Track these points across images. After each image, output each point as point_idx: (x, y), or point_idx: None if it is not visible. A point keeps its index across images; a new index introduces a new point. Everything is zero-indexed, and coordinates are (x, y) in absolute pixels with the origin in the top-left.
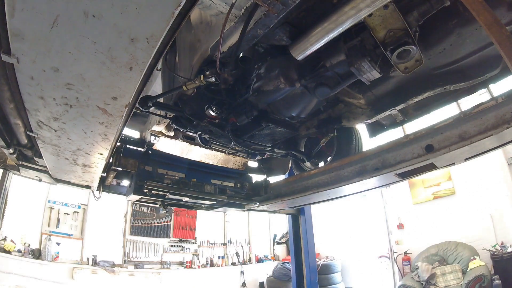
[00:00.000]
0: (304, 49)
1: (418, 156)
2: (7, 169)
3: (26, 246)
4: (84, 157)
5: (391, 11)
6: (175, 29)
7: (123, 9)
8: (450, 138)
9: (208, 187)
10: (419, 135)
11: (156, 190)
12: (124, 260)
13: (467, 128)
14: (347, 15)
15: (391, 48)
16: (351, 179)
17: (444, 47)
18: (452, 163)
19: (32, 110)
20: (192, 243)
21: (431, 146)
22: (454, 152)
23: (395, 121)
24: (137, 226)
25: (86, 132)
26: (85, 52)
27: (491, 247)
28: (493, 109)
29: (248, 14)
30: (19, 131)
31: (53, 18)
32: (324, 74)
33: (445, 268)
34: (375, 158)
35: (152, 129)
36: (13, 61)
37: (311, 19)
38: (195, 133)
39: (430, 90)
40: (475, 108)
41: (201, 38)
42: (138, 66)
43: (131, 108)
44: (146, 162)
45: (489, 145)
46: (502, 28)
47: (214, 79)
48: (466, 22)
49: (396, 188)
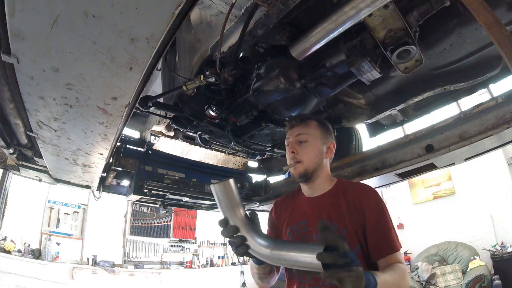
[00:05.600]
0: (304, 49)
1: (418, 156)
2: (7, 169)
3: (26, 246)
4: (84, 157)
5: (391, 11)
6: (175, 29)
7: (123, 9)
8: (450, 138)
9: (208, 187)
10: (419, 135)
11: (156, 190)
12: (124, 260)
13: (467, 128)
14: (347, 15)
15: (391, 48)
16: (351, 179)
17: (444, 47)
18: (452, 163)
19: (32, 110)
20: (192, 243)
21: (431, 146)
22: (454, 152)
23: (395, 121)
24: (137, 226)
25: (86, 132)
26: (85, 52)
27: (491, 247)
28: (493, 109)
29: (248, 14)
30: (19, 131)
31: (53, 18)
32: (324, 74)
33: (445, 268)
34: (375, 158)
35: (152, 129)
36: (13, 61)
37: (311, 19)
38: (195, 133)
39: (430, 90)
40: (475, 108)
41: (201, 38)
42: (138, 66)
43: (131, 108)
44: (146, 162)
45: (489, 145)
46: (502, 28)
47: (214, 79)
48: (466, 22)
49: (396, 188)
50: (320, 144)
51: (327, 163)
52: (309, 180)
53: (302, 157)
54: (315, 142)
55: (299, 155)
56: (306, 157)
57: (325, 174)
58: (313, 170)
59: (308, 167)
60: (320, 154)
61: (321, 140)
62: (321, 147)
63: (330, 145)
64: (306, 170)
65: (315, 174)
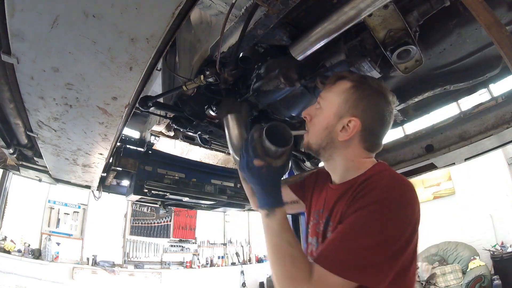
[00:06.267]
0: (304, 49)
1: (418, 156)
2: (7, 169)
3: (26, 246)
4: (84, 157)
5: (391, 11)
6: (175, 29)
7: (123, 9)
8: (450, 138)
9: (208, 187)
10: (419, 135)
11: (156, 190)
12: (124, 260)
13: (467, 128)
14: (347, 15)
15: (391, 48)
16: None
17: (444, 47)
18: (452, 163)
19: (32, 110)
20: (192, 243)
21: (431, 146)
22: (454, 152)
23: (395, 121)
24: (137, 226)
25: (86, 132)
26: (85, 52)
27: (491, 247)
28: (493, 109)
29: (248, 14)
30: (19, 131)
31: (53, 18)
32: (324, 74)
33: (445, 268)
34: (375, 158)
35: (152, 129)
36: (13, 61)
37: (311, 19)
38: (195, 133)
39: (430, 90)
40: (475, 108)
41: (201, 38)
42: (138, 66)
43: (131, 108)
44: (146, 162)
45: (489, 145)
46: (502, 28)
47: (214, 79)
48: (466, 22)
49: None
50: (333, 117)
51: (350, 145)
52: (321, 158)
53: (310, 126)
54: (327, 112)
55: (309, 123)
56: (312, 128)
57: (347, 158)
58: (318, 147)
59: (311, 141)
60: (327, 129)
61: (337, 111)
62: (332, 120)
63: (347, 121)
64: (308, 144)
65: (325, 153)
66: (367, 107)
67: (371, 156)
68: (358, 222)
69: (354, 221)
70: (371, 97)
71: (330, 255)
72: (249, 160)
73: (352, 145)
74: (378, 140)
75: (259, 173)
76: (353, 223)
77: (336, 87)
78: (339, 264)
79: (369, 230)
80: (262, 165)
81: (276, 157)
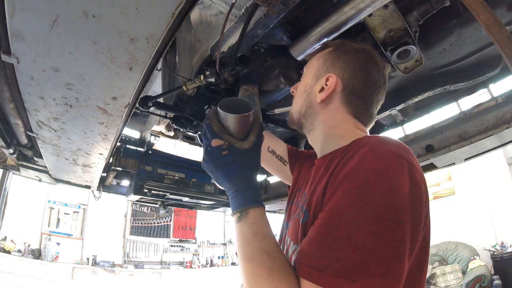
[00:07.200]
0: (304, 49)
1: (418, 156)
2: (7, 169)
3: (26, 246)
4: (84, 157)
5: (391, 11)
6: (175, 29)
7: (123, 9)
8: (450, 138)
9: (208, 187)
10: (419, 135)
11: (156, 190)
12: (124, 260)
13: (467, 128)
14: (347, 15)
15: (391, 48)
16: None
17: (444, 47)
18: (452, 163)
19: (32, 110)
20: (192, 243)
21: (431, 146)
22: (454, 152)
23: (395, 121)
24: (137, 226)
25: (86, 132)
26: (85, 52)
27: (491, 247)
28: (493, 109)
29: (248, 14)
30: (19, 131)
31: (53, 18)
32: None
33: (445, 268)
34: None
35: (152, 129)
36: (13, 61)
37: (311, 19)
38: (195, 133)
39: (430, 90)
40: (475, 108)
41: (201, 38)
42: (138, 66)
43: (131, 108)
44: (146, 162)
45: (489, 145)
46: (502, 28)
47: (214, 79)
48: (466, 22)
49: None
50: (311, 78)
51: (331, 107)
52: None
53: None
54: (307, 76)
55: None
56: (295, 98)
57: (328, 124)
58: (298, 115)
59: (293, 110)
60: (305, 91)
61: (315, 72)
62: (310, 81)
63: (325, 80)
64: (291, 115)
65: (307, 122)
66: (347, 64)
67: (363, 128)
68: (340, 209)
69: (335, 207)
70: (351, 54)
71: (315, 263)
72: (207, 145)
73: (333, 107)
74: (366, 105)
75: (220, 158)
76: (334, 210)
77: (321, 52)
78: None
79: (357, 218)
80: (221, 144)
81: (238, 134)
